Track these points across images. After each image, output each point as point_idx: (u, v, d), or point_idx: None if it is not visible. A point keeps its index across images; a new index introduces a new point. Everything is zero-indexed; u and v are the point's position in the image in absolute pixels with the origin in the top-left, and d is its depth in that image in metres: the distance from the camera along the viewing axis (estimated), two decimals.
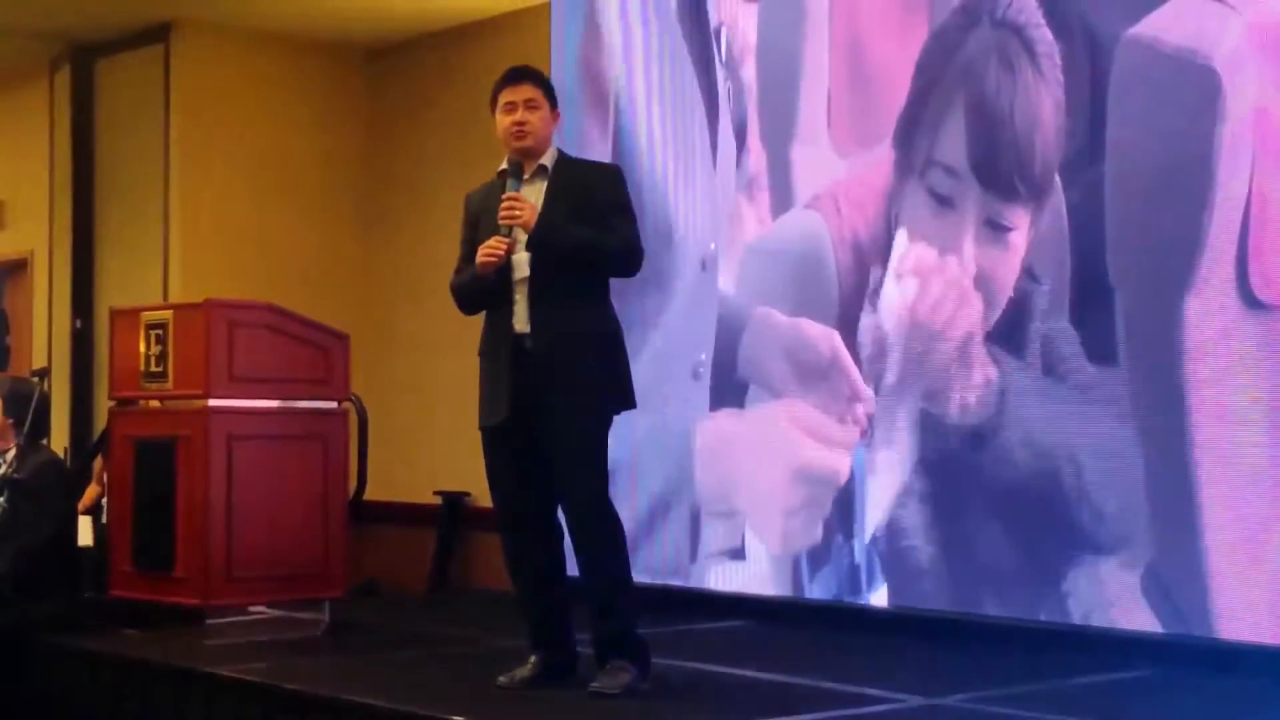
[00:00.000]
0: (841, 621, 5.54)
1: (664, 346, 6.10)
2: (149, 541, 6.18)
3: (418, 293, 7.92)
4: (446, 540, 7.58)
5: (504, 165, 4.38)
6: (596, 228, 4.25)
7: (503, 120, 4.35)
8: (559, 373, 4.19)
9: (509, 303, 4.26)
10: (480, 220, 4.41)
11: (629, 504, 5.88)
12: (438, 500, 7.62)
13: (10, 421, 6.22)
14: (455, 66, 7.89)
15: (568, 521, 4.29)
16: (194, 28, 7.87)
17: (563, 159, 4.42)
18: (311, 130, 8.19)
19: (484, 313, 4.41)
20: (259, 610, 6.20)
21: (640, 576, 4.84)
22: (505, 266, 4.25)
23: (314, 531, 6.09)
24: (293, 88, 8.15)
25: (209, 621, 5.93)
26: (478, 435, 7.13)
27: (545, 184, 4.32)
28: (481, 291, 4.32)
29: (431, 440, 7.75)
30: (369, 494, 7.44)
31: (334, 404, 6.20)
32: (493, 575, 7.15)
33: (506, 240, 4.20)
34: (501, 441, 4.32)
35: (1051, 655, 4.85)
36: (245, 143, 7.97)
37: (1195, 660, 4.59)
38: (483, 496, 7.29)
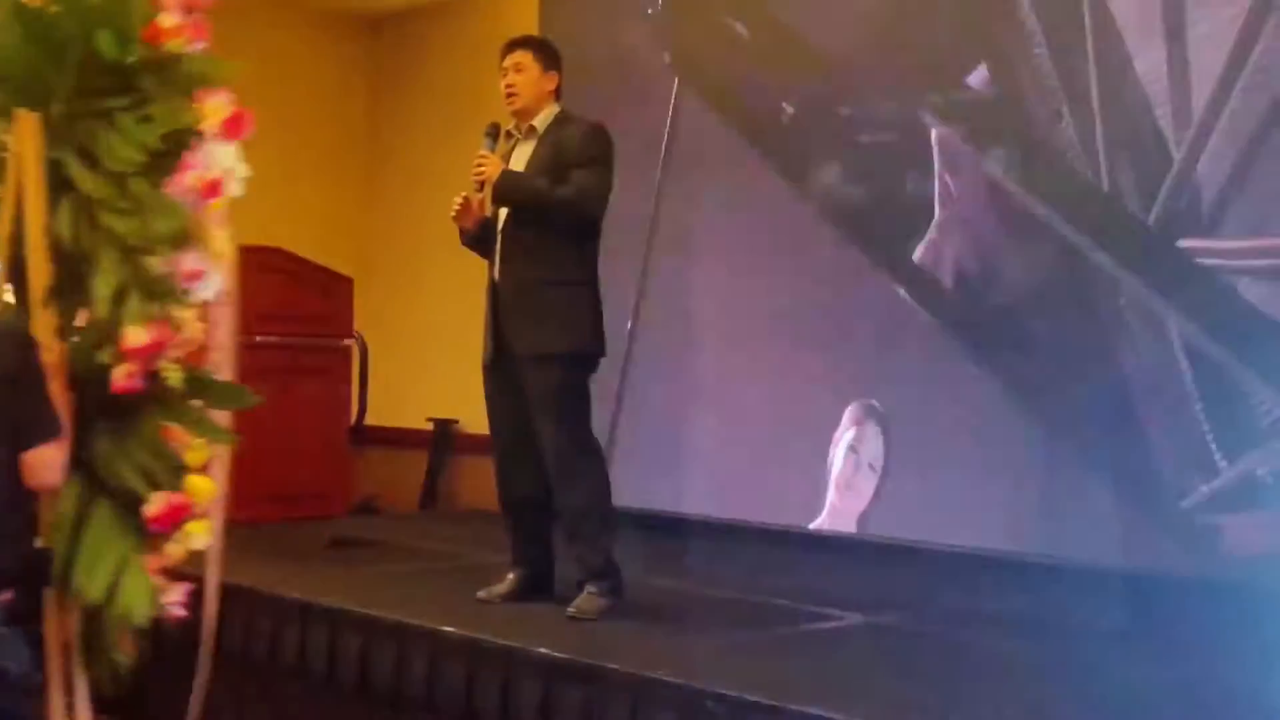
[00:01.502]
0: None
1: None
2: None
3: (414, 241, 7.80)
4: (437, 463, 7.50)
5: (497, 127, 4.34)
6: (562, 180, 4.15)
7: (501, 86, 4.29)
8: (521, 319, 4.13)
9: (493, 251, 4.24)
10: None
11: None
12: (430, 426, 7.51)
13: None
14: (453, 34, 7.70)
15: (545, 457, 4.17)
16: None
17: (558, 119, 4.28)
18: (317, 94, 8.01)
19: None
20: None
21: None
22: (492, 217, 4.23)
23: (320, 457, 6.02)
24: (298, 54, 7.94)
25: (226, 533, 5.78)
26: (468, 368, 7.06)
27: (534, 143, 4.24)
28: (471, 239, 4.32)
29: (427, 373, 7.66)
30: (368, 420, 7.36)
31: (338, 341, 6.04)
32: (478, 495, 7.09)
33: (466, 196, 4.21)
34: (492, 376, 4.28)
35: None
36: (258, 105, 7.65)
37: None
38: (471, 423, 7.26)
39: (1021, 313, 4.76)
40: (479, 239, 4.28)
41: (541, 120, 4.26)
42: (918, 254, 5.02)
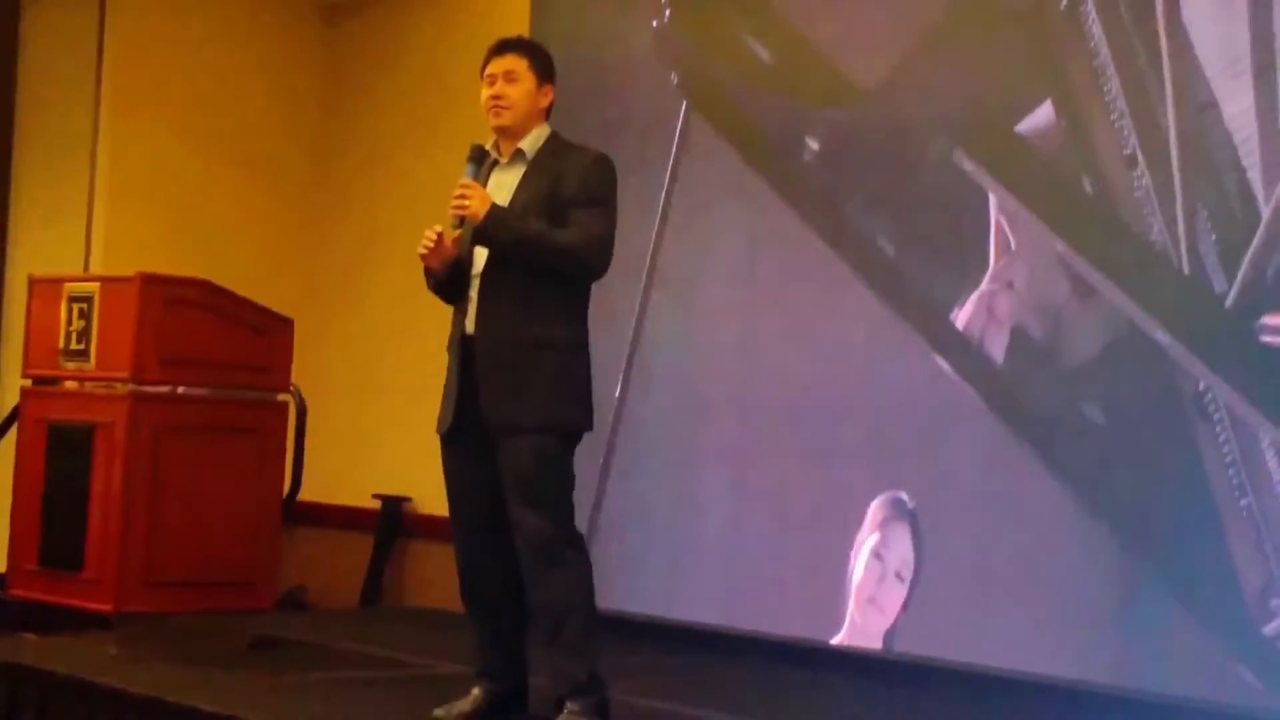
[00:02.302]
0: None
1: None
2: (56, 539, 6.30)
3: (367, 275, 8.06)
4: (383, 549, 7.69)
5: (479, 148, 4.42)
6: (558, 221, 4.27)
7: (483, 94, 4.36)
8: (500, 385, 4.23)
9: (465, 300, 4.30)
10: None
11: None
12: (376, 504, 7.72)
13: None
14: (423, 30, 8.00)
15: (517, 544, 4.30)
16: None
17: (550, 143, 4.38)
18: (262, 91, 8.27)
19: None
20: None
21: None
22: (466, 259, 4.27)
23: (244, 536, 6.23)
24: (243, 42, 8.22)
25: (119, 629, 6.01)
26: (422, 435, 7.35)
27: (522, 170, 4.33)
28: (436, 284, 4.36)
29: (373, 438, 7.88)
30: (302, 494, 7.61)
31: (273, 395, 6.30)
32: (433, 590, 7.35)
33: (440, 231, 4.24)
34: (454, 448, 4.36)
35: None
36: (187, 99, 8.04)
37: None
38: (424, 502, 7.54)
39: (1087, 397, 5.04)
40: (448, 283, 4.34)
41: (530, 144, 4.34)
42: (963, 317, 5.33)
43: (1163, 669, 4.80)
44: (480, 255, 4.28)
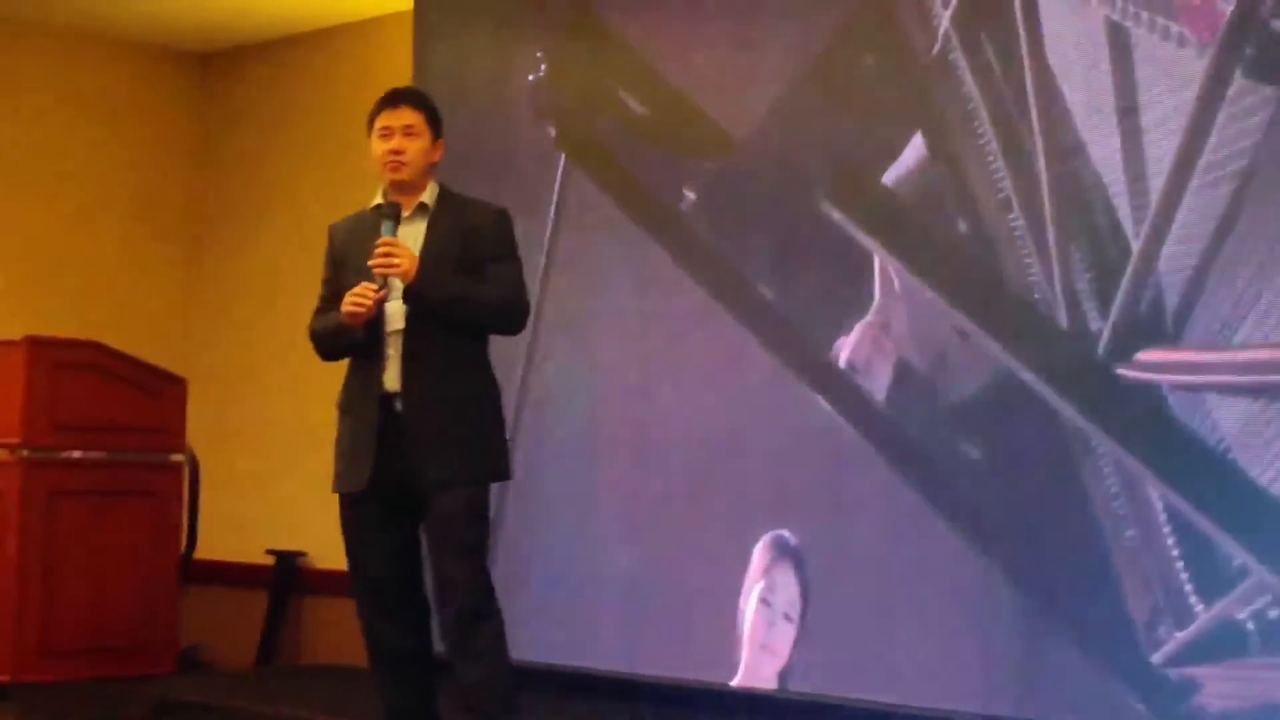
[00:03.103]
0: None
1: None
2: None
3: (251, 327, 8.13)
4: (279, 605, 7.75)
5: (378, 200, 4.50)
6: (475, 276, 4.39)
7: (377, 147, 4.45)
8: (432, 439, 4.31)
9: (378, 357, 4.36)
10: (346, 260, 4.51)
11: None
12: (270, 560, 7.78)
13: None
14: (298, 78, 8.11)
15: (435, 599, 4.42)
16: (6, 25, 7.89)
17: (445, 196, 4.51)
18: (138, 144, 8.30)
19: (344, 360, 4.53)
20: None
21: None
22: (377, 316, 4.34)
23: (141, 599, 6.27)
24: (117, 96, 8.25)
25: (18, 699, 6.05)
26: (314, 489, 7.41)
27: (424, 224, 4.44)
28: (347, 342, 4.42)
29: (265, 492, 7.92)
30: (196, 552, 7.64)
31: (168, 456, 6.36)
32: (331, 647, 7.42)
33: (377, 289, 4.29)
34: (361, 509, 4.43)
35: None
36: (63, 157, 8.05)
37: None
38: (320, 557, 7.61)
39: (968, 432, 5.25)
40: (358, 342, 4.38)
41: (430, 198, 4.47)
42: (849, 346, 5.51)
43: (1057, 700, 4.98)
44: (397, 312, 4.35)
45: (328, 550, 7.46)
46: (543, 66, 6.49)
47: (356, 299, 4.30)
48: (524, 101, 6.56)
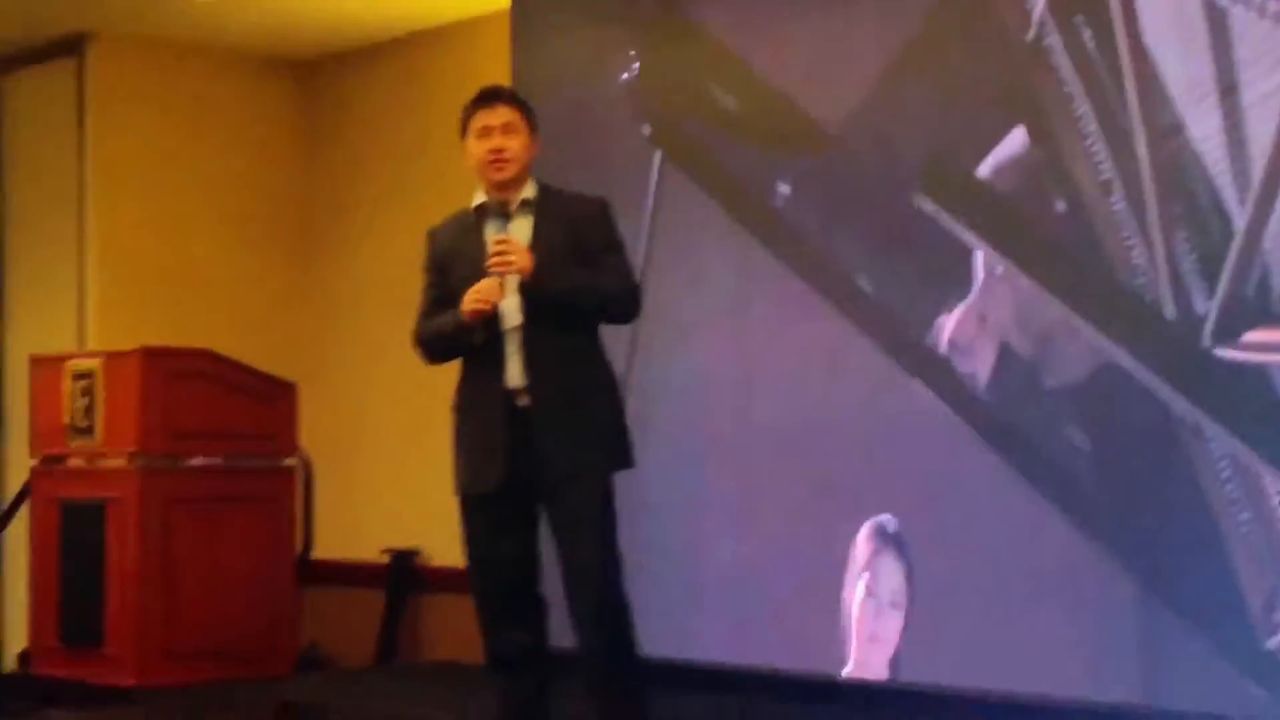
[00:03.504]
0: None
1: None
2: (76, 615, 6.46)
3: (361, 329, 8.22)
4: (396, 603, 7.83)
5: (479, 200, 4.52)
6: (585, 267, 4.39)
7: (477, 148, 4.45)
8: (560, 431, 4.33)
9: (496, 354, 4.36)
10: (452, 262, 4.52)
11: None
12: (385, 558, 7.86)
13: None
14: (400, 81, 8.18)
15: (568, 594, 4.43)
16: (112, 39, 8.06)
17: (545, 191, 4.51)
18: (244, 152, 8.42)
19: (456, 361, 4.53)
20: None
21: None
22: (492, 314, 4.34)
23: (260, 602, 6.38)
24: (222, 105, 8.38)
25: (143, 702, 6.18)
26: (427, 487, 7.51)
27: (530, 220, 4.44)
28: (464, 342, 4.41)
29: (378, 493, 8.02)
30: (313, 553, 7.78)
31: (281, 461, 6.46)
32: (448, 643, 7.51)
33: (499, 286, 4.30)
34: (489, 509, 4.43)
35: None
36: (170, 166, 8.18)
37: None
38: (437, 554, 7.71)
39: (1076, 419, 5.22)
40: (473, 342, 4.38)
41: (533, 193, 4.47)
42: (946, 336, 5.51)
43: (1171, 686, 4.97)
44: (513, 308, 4.36)
45: (442, 548, 7.61)
46: (635, 65, 6.53)
47: (481, 296, 4.31)
48: (619, 100, 6.59)
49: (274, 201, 8.50)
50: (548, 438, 4.35)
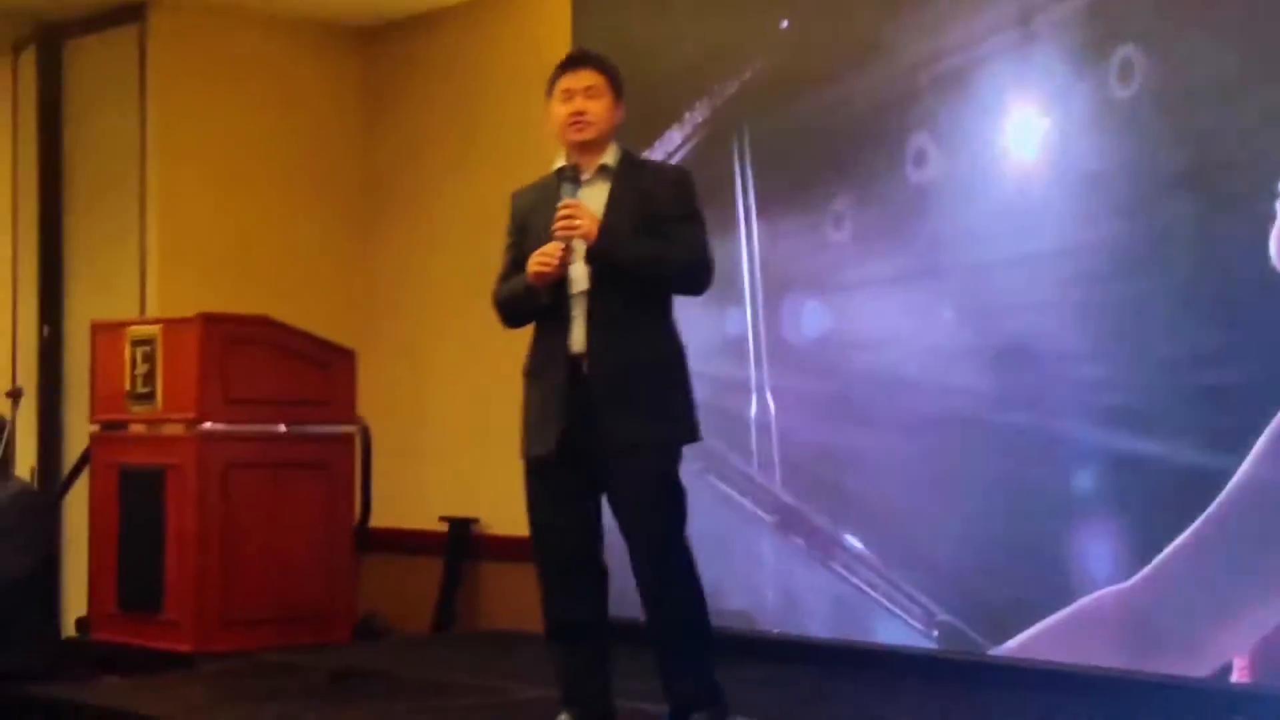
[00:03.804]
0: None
1: None
2: (135, 581, 6.49)
3: (419, 298, 8.23)
4: (453, 572, 7.84)
5: (559, 163, 4.51)
6: (658, 236, 4.37)
7: (559, 110, 4.44)
8: (620, 400, 4.30)
9: (564, 319, 4.36)
10: (530, 225, 4.51)
11: None
12: (443, 526, 7.87)
13: None
14: (461, 48, 8.15)
15: (634, 565, 4.41)
16: (172, 5, 8.08)
17: (627, 159, 4.51)
18: (304, 119, 8.43)
19: (526, 327, 4.53)
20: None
21: None
22: (561, 279, 4.34)
23: (318, 569, 6.40)
24: (283, 71, 8.38)
25: (201, 668, 6.20)
26: (485, 455, 7.50)
27: (607, 186, 4.43)
28: (533, 305, 4.42)
29: (436, 461, 8.03)
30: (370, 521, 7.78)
31: (339, 428, 6.46)
32: (506, 611, 7.51)
33: (564, 249, 4.29)
34: (549, 474, 4.41)
35: None
36: (230, 133, 8.19)
37: None
38: (494, 522, 7.71)
39: None
40: (543, 306, 4.37)
41: (613, 160, 4.46)
42: None
43: None
44: (581, 274, 4.36)
45: (501, 516, 7.61)
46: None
47: (544, 258, 4.30)
48: (679, 71, 6.55)
49: (334, 169, 8.50)
50: (606, 406, 4.33)
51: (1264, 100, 5.08)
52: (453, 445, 7.92)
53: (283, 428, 6.44)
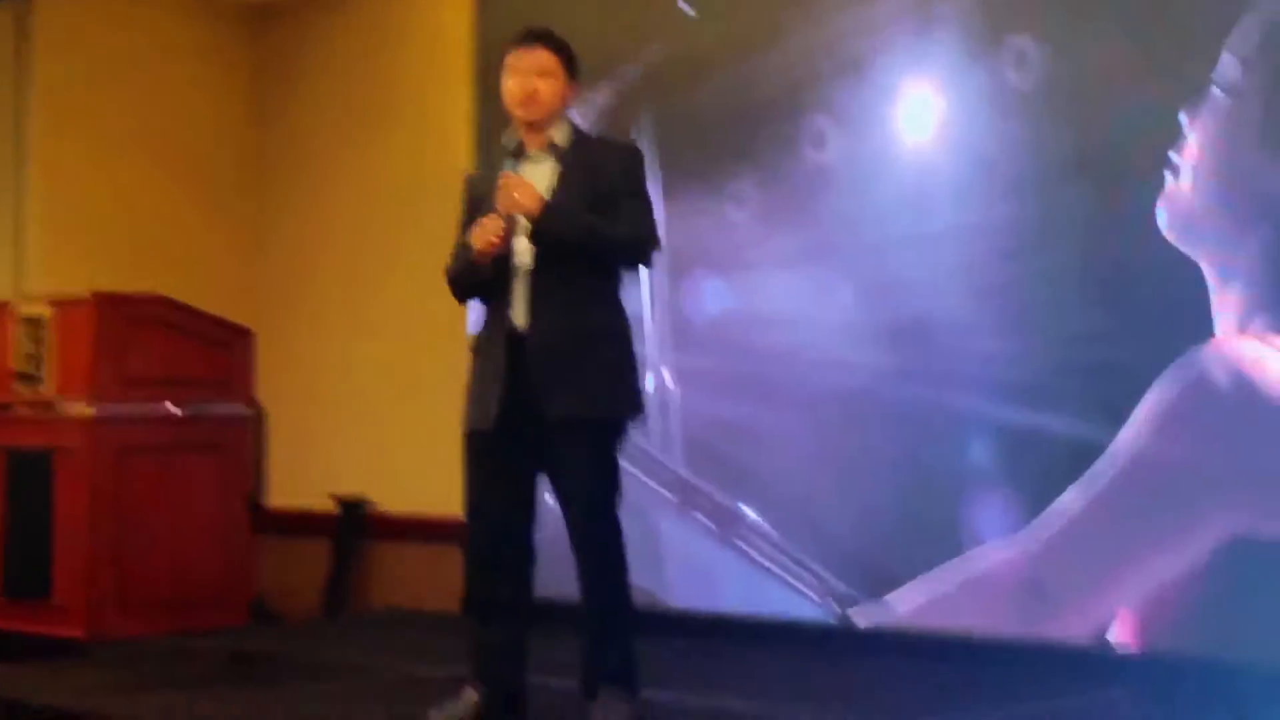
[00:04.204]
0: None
1: None
2: (22, 566, 6.39)
3: (315, 277, 8.19)
4: (345, 552, 7.82)
5: (507, 139, 4.54)
6: (604, 213, 4.38)
7: (509, 85, 4.47)
8: (561, 376, 4.33)
9: (508, 294, 4.39)
10: (481, 203, 4.52)
11: None
12: (334, 506, 7.84)
13: None
14: (358, 30, 8.11)
15: (572, 540, 4.43)
16: None
17: (578, 136, 4.54)
18: (193, 97, 8.33)
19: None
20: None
21: None
22: (505, 254, 4.36)
23: (214, 552, 6.34)
24: (171, 48, 8.26)
25: (95, 654, 6.11)
26: (379, 435, 7.51)
27: (555, 163, 4.46)
28: (477, 280, 4.44)
29: (331, 440, 8.00)
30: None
31: (237, 408, 6.41)
32: (397, 592, 7.53)
33: (503, 222, 4.34)
34: (487, 450, 4.43)
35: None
36: (116, 107, 8.06)
37: None
38: (386, 501, 7.72)
39: None
40: (489, 281, 4.41)
41: (562, 136, 4.49)
42: None
43: None
44: (525, 250, 4.38)
45: (392, 496, 7.64)
46: None
47: (484, 232, 4.34)
48: (596, 37, 6.60)
49: (224, 147, 8.42)
50: (546, 382, 4.35)
51: (1151, 88, 5.27)
52: (348, 426, 7.90)
53: (178, 410, 6.34)
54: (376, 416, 7.64)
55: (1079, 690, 5.07)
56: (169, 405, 6.36)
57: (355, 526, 7.80)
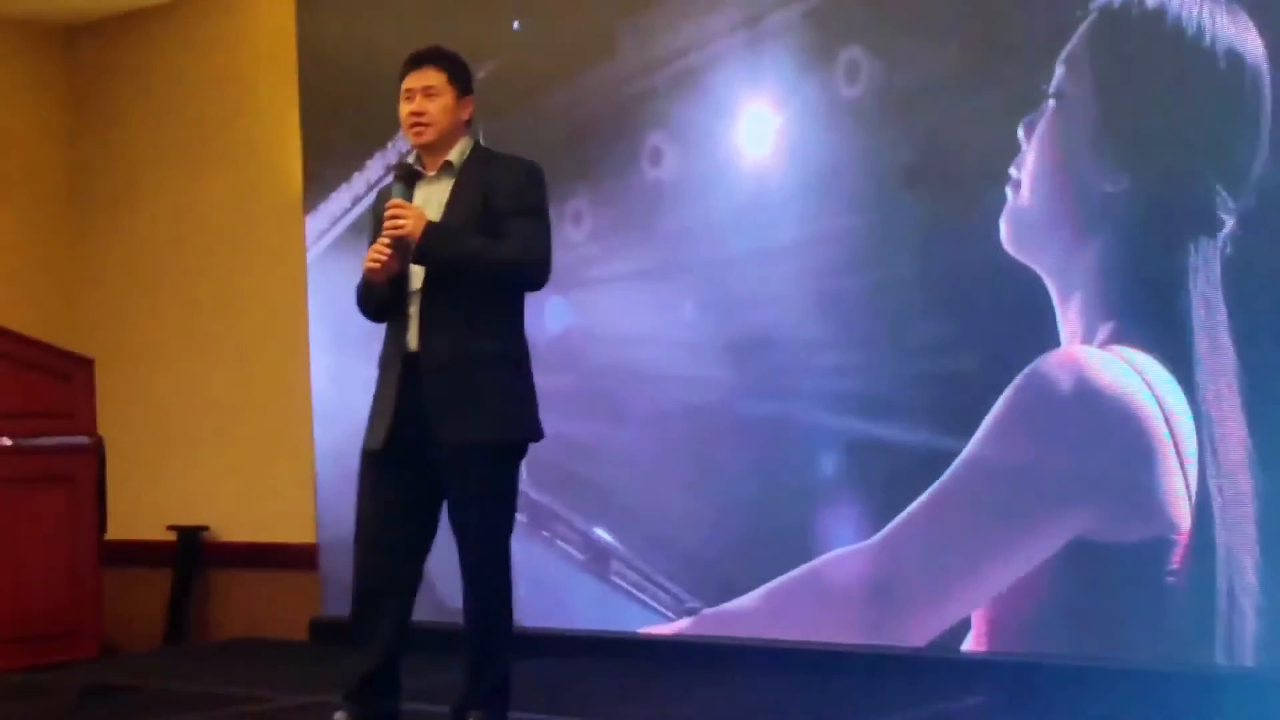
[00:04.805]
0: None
1: None
2: None
3: (143, 303, 8.09)
4: (184, 582, 7.77)
5: (402, 161, 4.60)
6: (496, 232, 4.39)
7: (401, 110, 4.50)
8: (451, 400, 4.34)
9: (405, 316, 4.42)
10: (382, 223, 4.50)
11: None
12: (171, 536, 7.79)
13: None
14: (172, 46, 8.04)
15: (462, 562, 4.45)
16: None
17: (476, 153, 4.54)
18: (5, 120, 8.20)
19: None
20: None
21: None
22: (403, 276, 4.40)
23: (61, 585, 6.25)
24: None
25: None
26: (216, 462, 7.47)
27: (450, 183, 4.48)
28: (375, 301, 4.48)
29: (166, 469, 7.94)
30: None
31: (80, 439, 6.34)
32: (238, 620, 7.50)
33: (389, 248, 4.34)
34: (378, 470, 4.45)
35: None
36: None
37: None
38: (224, 529, 7.68)
39: None
40: (389, 302, 4.43)
41: (457, 155, 4.50)
42: None
43: None
44: (417, 272, 4.40)
45: (230, 524, 7.60)
46: None
47: (371, 256, 4.38)
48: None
49: (37, 167, 8.29)
50: (437, 405, 4.37)
51: (982, 98, 5.44)
52: (187, 454, 7.83)
53: (18, 441, 6.26)
54: (217, 444, 7.59)
55: (940, 697, 5.22)
56: (3, 439, 6.23)
57: (193, 555, 7.75)
